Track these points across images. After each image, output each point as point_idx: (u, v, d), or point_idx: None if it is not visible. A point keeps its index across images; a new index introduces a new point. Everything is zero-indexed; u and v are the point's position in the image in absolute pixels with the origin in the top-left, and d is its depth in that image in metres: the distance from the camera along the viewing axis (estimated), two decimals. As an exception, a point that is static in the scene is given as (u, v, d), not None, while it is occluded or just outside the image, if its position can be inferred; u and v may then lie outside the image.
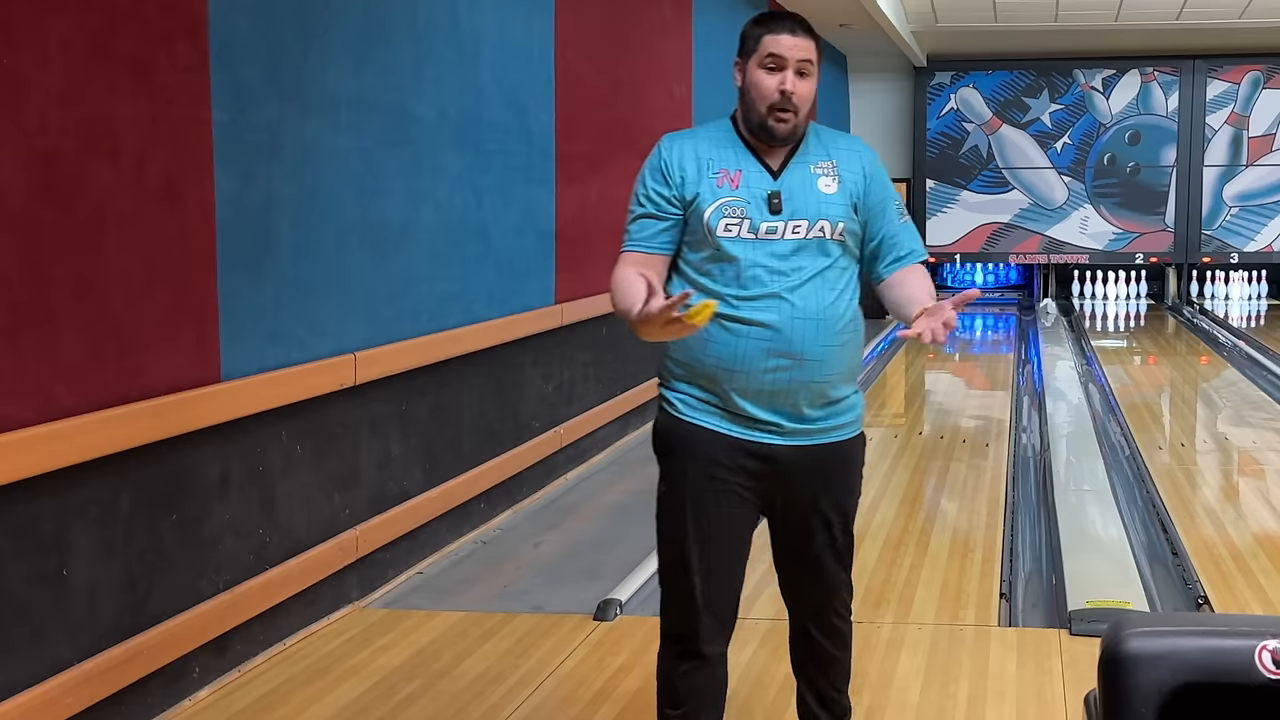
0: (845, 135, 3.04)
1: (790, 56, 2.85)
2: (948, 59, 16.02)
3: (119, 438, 3.46)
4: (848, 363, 2.93)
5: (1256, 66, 15.80)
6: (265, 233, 4.12)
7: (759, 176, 2.88)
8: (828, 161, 2.92)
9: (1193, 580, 4.92)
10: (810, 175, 2.89)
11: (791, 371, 2.84)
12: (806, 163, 2.91)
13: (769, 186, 2.87)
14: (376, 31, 4.75)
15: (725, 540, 2.93)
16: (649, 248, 2.92)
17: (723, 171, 2.88)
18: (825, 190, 2.89)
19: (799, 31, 2.88)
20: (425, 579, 5.03)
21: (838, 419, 2.93)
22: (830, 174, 2.90)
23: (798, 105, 2.85)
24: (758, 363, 2.83)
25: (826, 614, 3.08)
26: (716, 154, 2.91)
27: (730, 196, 2.86)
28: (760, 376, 2.84)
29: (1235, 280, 16.38)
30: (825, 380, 2.88)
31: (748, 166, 2.89)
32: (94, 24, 3.37)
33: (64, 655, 3.33)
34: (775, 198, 2.85)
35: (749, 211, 2.84)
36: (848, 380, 2.95)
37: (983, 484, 6.55)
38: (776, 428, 2.88)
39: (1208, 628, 1.92)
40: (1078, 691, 3.76)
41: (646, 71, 8.04)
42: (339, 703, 3.84)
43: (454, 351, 5.33)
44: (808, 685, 3.16)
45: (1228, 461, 7.29)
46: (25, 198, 3.17)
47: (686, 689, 2.99)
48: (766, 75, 2.86)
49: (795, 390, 2.85)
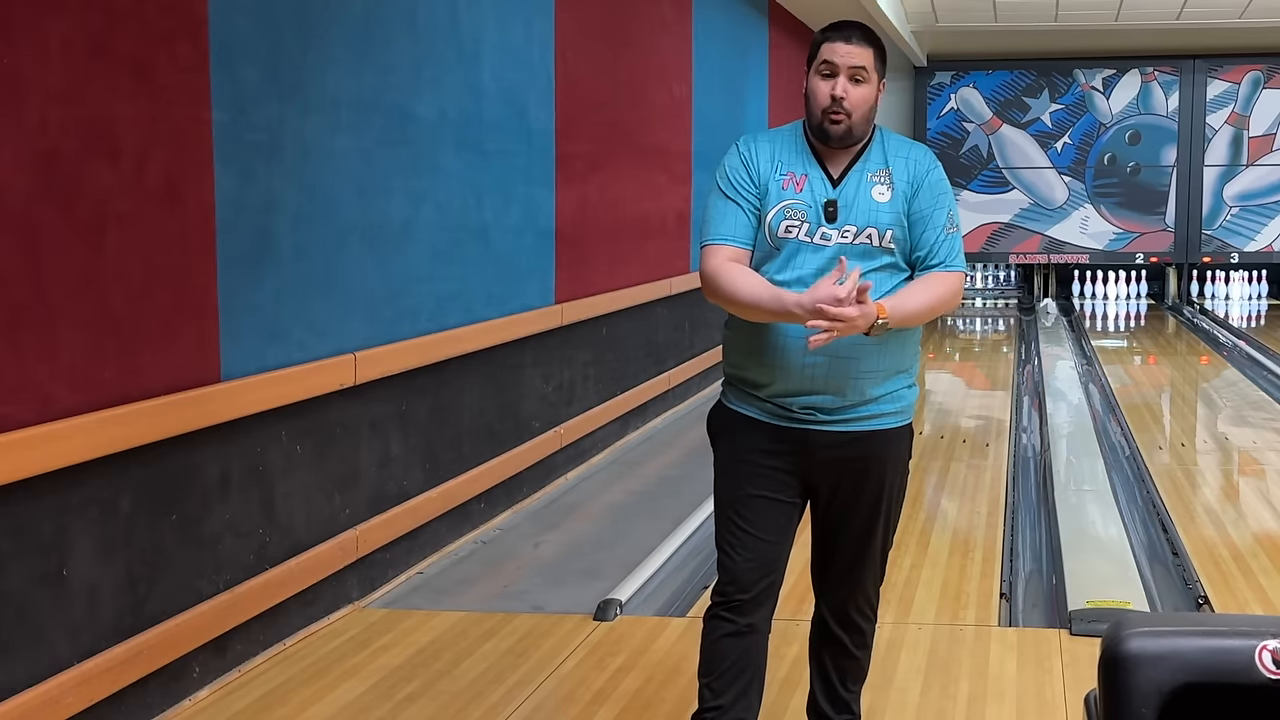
0: (909, 143, 3.10)
1: (842, 63, 2.95)
2: (948, 59, 16.01)
3: (119, 438, 3.46)
4: (890, 360, 3.00)
5: (1256, 66, 15.80)
6: (265, 233, 4.12)
7: (820, 184, 2.99)
8: (885, 169, 3.01)
9: (1193, 580, 4.92)
10: (866, 183, 2.99)
11: (830, 367, 2.94)
12: (865, 171, 3.00)
13: (827, 195, 2.97)
14: (376, 31, 4.75)
15: (762, 520, 3.05)
16: (739, 241, 3.01)
17: (789, 174, 2.99)
18: (878, 199, 2.97)
19: (854, 39, 2.98)
20: (425, 579, 5.03)
21: (877, 409, 3.01)
22: (885, 182, 2.99)
23: (850, 109, 2.94)
24: (796, 358, 2.94)
25: (848, 608, 3.17)
26: (786, 157, 3.02)
27: (793, 199, 2.97)
28: (799, 371, 2.96)
29: (1235, 280, 16.38)
30: (863, 376, 2.97)
31: (812, 172, 3.00)
32: (94, 24, 3.37)
33: (64, 655, 3.33)
34: (831, 206, 2.96)
35: (809, 216, 2.96)
36: (892, 375, 3.02)
37: (983, 484, 6.55)
38: (813, 419, 2.99)
39: (1208, 628, 1.91)
40: (1078, 691, 3.76)
41: (646, 71, 8.04)
42: (339, 703, 3.84)
43: (454, 351, 5.33)
44: (820, 680, 3.22)
45: (1228, 461, 7.29)
46: (25, 198, 3.17)
47: (718, 655, 3.08)
48: (821, 81, 2.98)
49: (833, 385, 2.96)
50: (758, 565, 3.05)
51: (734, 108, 10.28)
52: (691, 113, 8.98)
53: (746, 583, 3.05)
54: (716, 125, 9.61)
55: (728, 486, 3.10)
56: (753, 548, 3.05)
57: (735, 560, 3.06)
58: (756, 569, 3.05)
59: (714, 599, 3.12)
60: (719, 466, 3.14)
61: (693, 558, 5.31)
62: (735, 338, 3.08)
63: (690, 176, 9.00)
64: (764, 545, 3.05)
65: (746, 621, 3.07)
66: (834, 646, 3.22)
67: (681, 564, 5.23)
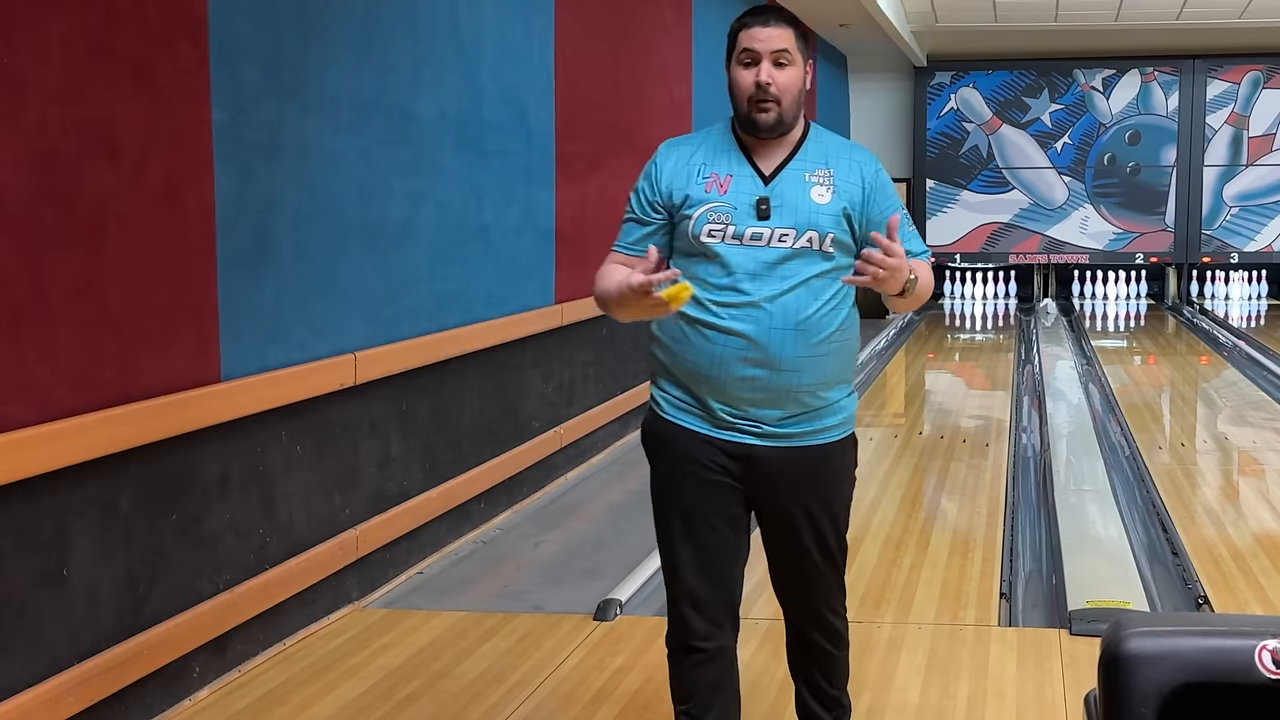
0: (848, 143, 2.98)
1: (764, 48, 2.82)
2: (948, 59, 16.02)
3: (119, 438, 3.46)
4: (831, 371, 2.89)
5: (1256, 66, 15.80)
6: (265, 233, 4.12)
7: (749, 182, 2.85)
8: (824, 170, 2.87)
9: (1193, 580, 4.92)
10: (804, 183, 2.85)
11: (769, 379, 2.83)
12: (802, 170, 2.86)
13: (758, 192, 2.84)
14: (376, 31, 4.75)
15: (711, 538, 2.93)
16: (632, 251, 2.94)
17: (713, 176, 2.86)
18: (818, 200, 2.84)
19: (772, 22, 2.84)
20: (425, 579, 5.03)
21: (819, 423, 2.90)
22: (825, 183, 2.86)
23: (778, 95, 2.81)
24: (734, 370, 2.83)
25: (819, 615, 3.06)
26: (710, 159, 2.89)
27: (717, 202, 2.84)
28: (736, 383, 2.83)
29: (1235, 280, 16.38)
30: (804, 388, 2.85)
31: (739, 171, 2.86)
32: (94, 24, 3.37)
33: (64, 655, 3.33)
34: (764, 204, 2.83)
35: (734, 217, 2.82)
36: (833, 386, 2.91)
37: (983, 484, 6.55)
38: (755, 430, 2.88)
39: (1208, 628, 1.92)
40: (1078, 691, 3.76)
41: (646, 71, 8.04)
42: (339, 703, 3.84)
43: (454, 351, 5.33)
44: (805, 684, 3.15)
45: (1228, 461, 7.29)
46: (25, 198, 3.17)
47: (691, 683, 3.00)
48: (743, 70, 2.84)
49: (772, 398, 2.85)
50: (713, 586, 2.94)
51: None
52: (692, 113, 8.98)
53: (703, 631, 2.95)
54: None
55: (672, 509, 2.95)
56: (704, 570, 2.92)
57: (689, 616, 2.94)
58: (711, 590, 2.94)
59: (671, 631, 3.00)
60: (657, 482, 3.00)
61: (693, 558, 5.30)
62: (667, 344, 2.93)
63: (690, 176, 8.98)
64: (716, 566, 2.93)
65: (714, 645, 2.97)
66: (811, 652, 3.11)
67: (681, 564, 5.23)
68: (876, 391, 9.85)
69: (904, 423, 8.58)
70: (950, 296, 16.63)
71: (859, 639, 4.26)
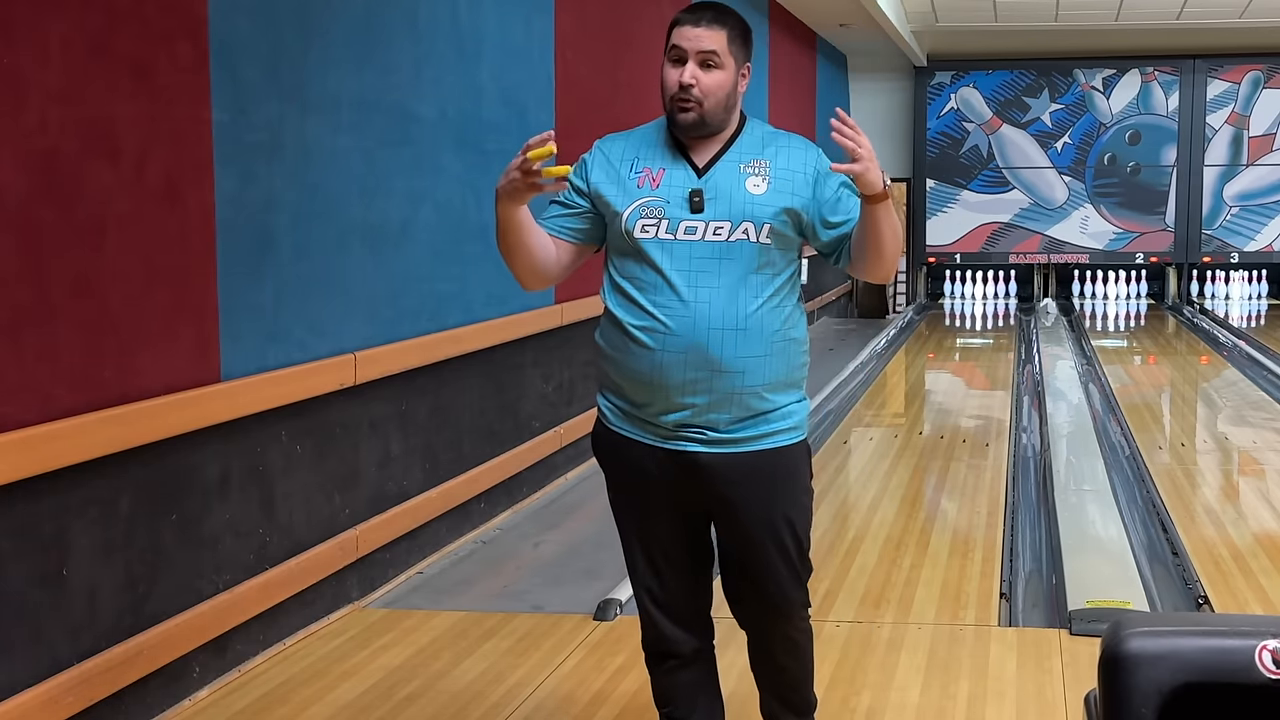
0: (785, 135, 2.89)
1: (690, 48, 2.74)
2: (948, 59, 16.02)
3: (119, 438, 3.45)
4: (777, 372, 2.80)
5: (1256, 66, 15.80)
6: (265, 233, 4.12)
7: (682, 175, 2.78)
8: (759, 161, 2.79)
9: (1193, 580, 4.92)
10: (738, 175, 2.78)
11: (711, 383, 2.75)
12: (736, 162, 2.79)
13: (691, 184, 2.78)
14: (376, 31, 4.75)
15: (668, 545, 2.90)
16: (548, 228, 2.93)
17: (645, 171, 2.81)
18: (753, 190, 2.76)
19: (704, 22, 2.75)
20: (425, 579, 5.03)
21: (767, 427, 2.82)
22: (760, 174, 2.78)
23: (700, 97, 2.73)
24: (675, 374, 2.75)
25: (773, 628, 2.98)
26: (644, 153, 2.84)
27: (649, 196, 2.78)
28: (679, 388, 2.75)
29: (1235, 280, 16.39)
30: (748, 390, 2.77)
31: (671, 165, 2.80)
32: (94, 24, 3.37)
33: (64, 655, 3.33)
34: (697, 196, 2.76)
35: (668, 211, 2.76)
36: (781, 389, 2.82)
37: (983, 484, 6.55)
38: (700, 437, 2.80)
39: (1208, 628, 1.92)
40: (1078, 691, 3.76)
41: (646, 71, 8.03)
42: (339, 703, 3.84)
43: (454, 351, 5.33)
44: (766, 688, 3.10)
45: (1228, 461, 7.29)
46: (25, 197, 3.17)
47: (670, 687, 3.01)
48: (669, 68, 2.78)
49: (716, 402, 2.77)
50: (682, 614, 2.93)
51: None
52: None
53: (678, 639, 2.94)
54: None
55: (629, 519, 2.92)
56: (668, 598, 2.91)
57: (659, 623, 2.93)
58: (682, 619, 2.93)
59: (643, 639, 2.99)
60: (613, 495, 2.94)
61: (693, 558, 5.31)
62: (607, 351, 2.85)
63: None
64: (680, 578, 2.91)
65: (690, 649, 2.96)
66: (769, 662, 3.05)
67: (681, 564, 5.23)
68: (876, 391, 9.85)
69: (904, 423, 8.58)
70: (950, 296, 16.63)
71: (859, 639, 4.26)
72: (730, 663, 3.49)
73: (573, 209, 2.91)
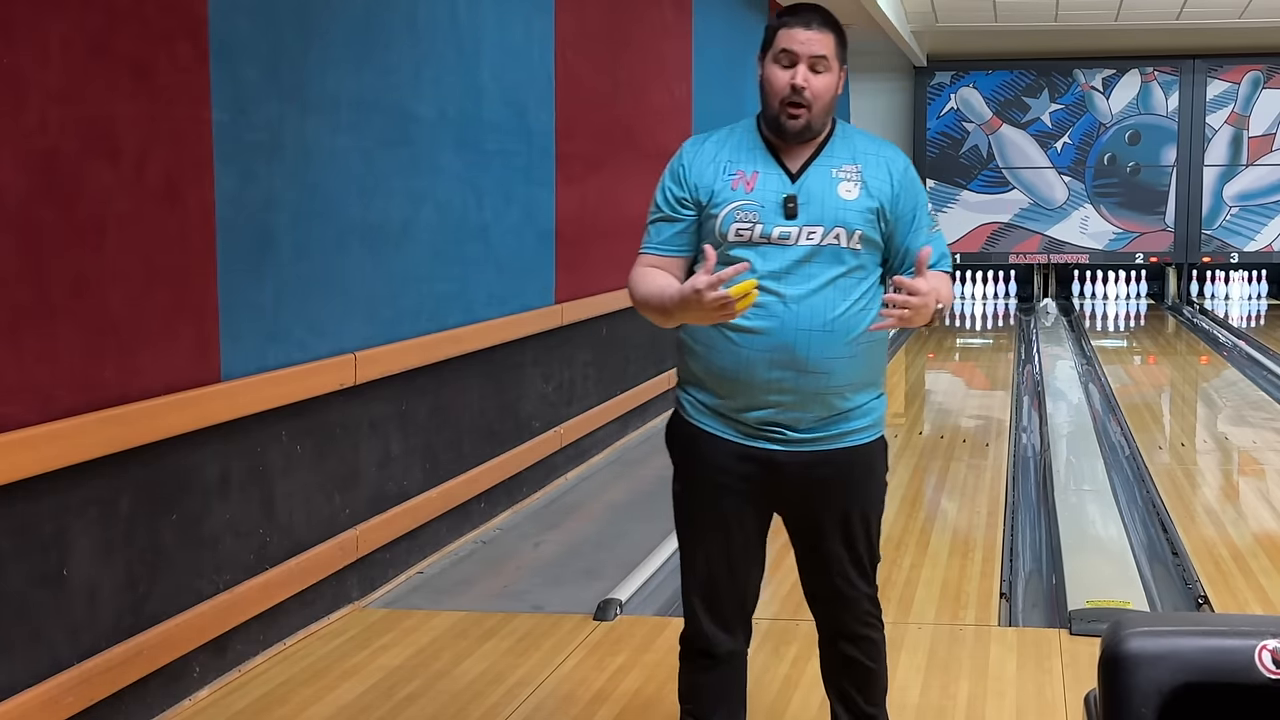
0: (876, 140, 2.93)
1: (803, 51, 2.77)
2: (948, 59, 16.02)
3: (119, 438, 3.45)
4: (861, 373, 2.83)
5: (1256, 66, 15.80)
6: (265, 233, 4.12)
7: (776, 179, 2.80)
8: (852, 165, 2.82)
9: (1193, 580, 4.92)
10: (831, 179, 2.80)
11: (797, 382, 2.78)
12: (828, 166, 2.81)
13: (785, 190, 2.79)
14: (376, 31, 4.75)
15: (728, 543, 2.90)
16: (663, 250, 2.88)
17: (739, 174, 2.81)
18: (845, 195, 2.78)
19: (814, 25, 2.78)
20: (425, 579, 5.03)
21: (846, 425, 2.85)
22: (853, 179, 2.81)
23: (811, 100, 2.76)
24: (760, 373, 2.78)
25: (849, 623, 3.01)
26: (735, 156, 2.84)
27: (744, 200, 2.78)
28: (763, 386, 2.78)
29: (1235, 280, 16.38)
30: (832, 390, 2.80)
31: (765, 169, 2.81)
32: (94, 24, 3.37)
33: (64, 655, 3.33)
34: (791, 202, 2.77)
35: (762, 216, 2.77)
36: (862, 388, 2.86)
37: (983, 484, 6.55)
38: (780, 435, 2.83)
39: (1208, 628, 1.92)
40: (1078, 691, 3.76)
41: (646, 71, 8.04)
42: (339, 703, 3.84)
43: (454, 351, 5.33)
44: (839, 700, 3.08)
45: (1228, 461, 7.29)
46: (25, 197, 3.17)
47: (698, 685, 2.99)
48: (779, 71, 2.79)
49: (800, 401, 2.79)
50: (727, 614, 2.93)
51: (734, 107, 10.27)
52: (691, 113, 8.98)
53: (718, 639, 2.93)
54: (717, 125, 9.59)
55: (693, 513, 2.93)
56: (719, 579, 2.91)
57: (702, 619, 2.93)
58: (726, 619, 2.93)
59: (684, 634, 2.99)
60: (679, 486, 2.95)
61: (693, 558, 5.30)
62: (693, 346, 2.87)
63: (690, 176, 8.98)
64: (731, 575, 2.91)
65: (724, 650, 2.96)
66: (845, 662, 3.05)
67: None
68: (876, 391, 9.83)
69: (904, 423, 8.58)
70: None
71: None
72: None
73: (681, 222, 2.88)
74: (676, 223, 2.88)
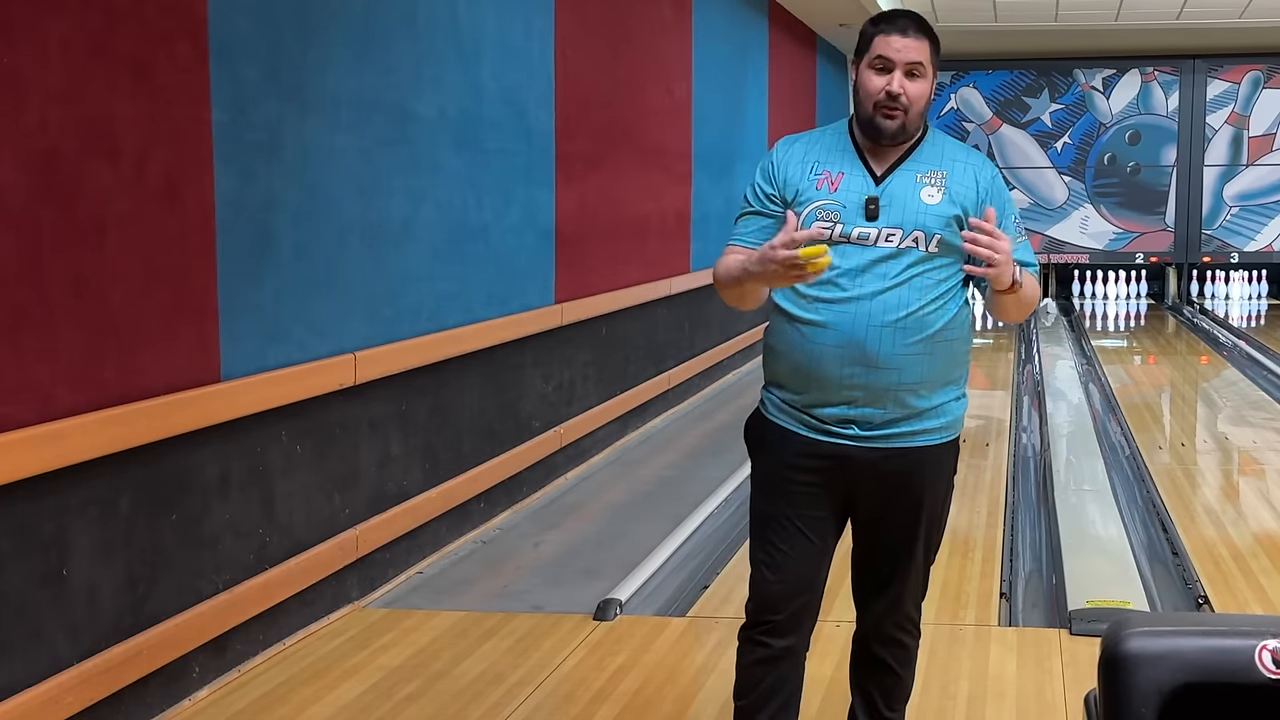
0: (965, 148, 2.97)
1: (899, 59, 2.82)
2: (948, 59, 15.99)
3: (119, 438, 3.46)
4: (935, 371, 2.85)
5: (1256, 66, 15.80)
6: (265, 232, 4.12)
7: (860, 181, 2.85)
8: (938, 171, 2.86)
9: (1193, 580, 4.92)
10: (915, 184, 2.84)
11: (868, 378, 2.81)
12: (914, 170, 2.86)
13: (868, 191, 2.83)
14: (376, 31, 4.75)
15: (798, 541, 2.93)
16: (748, 242, 2.93)
17: (825, 174, 2.86)
18: (927, 200, 2.83)
19: (910, 32, 2.84)
20: (425, 579, 5.03)
21: (920, 425, 2.87)
22: (937, 184, 2.85)
23: (906, 105, 2.81)
24: (833, 369, 2.82)
25: (886, 623, 3.04)
26: (824, 156, 2.89)
27: (826, 199, 2.83)
28: (836, 383, 2.82)
29: (1235, 280, 16.39)
30: (904, 387, 2.83)
31: (851, 170, 2.86)
32: (94, 24, 3.37)
33: (64, 655, 3.33)
34: (873, 203, 2.82)
35: (843, 216, 2.82)
36: (939, 387, 2.88)
37: (983, 484, 6.55)
38: (853, 432, 2.86)
39: (1208, 628, 1.91)
40: (1078, 691, 3.76)
41: (646, 71, 8.04)
42: (339, 703, 3.84)
43: (454, 351, 5.33)
44: (861, 701, 3.11)
45: (1228, 461, 7.29)
46: (25, 197, 3.17)
47: (752, 679, 3.00)
48: (874, 76, 2.83)
49: (872, 397, 2.83)
50: (791, 586, 2.93)
51: (734, 107, 10.28)
52: (691, 112, 8.98)
53: (779, 604, 2.94)
54: (716, 125, 9.61)
55: (763, 503, 2.97)
56: (786, 568, 2.92)
57: (768, 580, 2.94)
58: (789, 590, 2.93)
59: (747, 619, 3.01)
60: (755, 481, 3.01)
61: (692, 558, 5.31)
62: (773, 344, 2.94)
63: (690, 176, 9.00)
64: (798, 566, 2.93)
65: (782, 645, 2.96)
66: (875, 664, 3.08)
67: (681, 564, 5.23)
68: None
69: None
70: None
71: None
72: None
73: (771, 218, 2.93)
74: (764, 218, 2.94)
